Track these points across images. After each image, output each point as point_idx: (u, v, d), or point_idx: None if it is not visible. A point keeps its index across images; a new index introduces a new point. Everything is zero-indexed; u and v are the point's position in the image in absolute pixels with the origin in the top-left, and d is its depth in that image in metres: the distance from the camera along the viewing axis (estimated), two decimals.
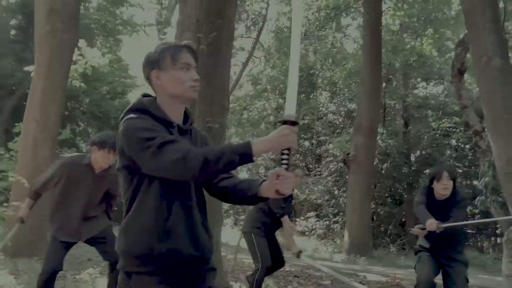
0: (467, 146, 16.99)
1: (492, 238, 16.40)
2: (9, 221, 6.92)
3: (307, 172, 20.72)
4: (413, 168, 16.29)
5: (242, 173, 21.53)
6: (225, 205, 15.26)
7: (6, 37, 16.24)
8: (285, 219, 4.19)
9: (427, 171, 17.62)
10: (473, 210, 13.94)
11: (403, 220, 16.19)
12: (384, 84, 16.29)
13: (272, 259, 4.21)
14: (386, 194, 16.79)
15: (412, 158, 17.00)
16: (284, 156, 1.46)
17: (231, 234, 14.30)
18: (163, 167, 1.48)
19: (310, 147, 21.02)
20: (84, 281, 4.96)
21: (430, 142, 16.46)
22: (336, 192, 16.78)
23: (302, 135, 21.96)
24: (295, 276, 6.53)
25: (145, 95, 1.76)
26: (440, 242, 3.45)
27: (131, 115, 1.63)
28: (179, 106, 1.71)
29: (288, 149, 1.45)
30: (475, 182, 15.30)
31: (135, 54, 28.63)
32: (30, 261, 6.25)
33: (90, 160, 3.39)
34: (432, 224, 3.26)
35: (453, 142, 17.67)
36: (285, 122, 1.41)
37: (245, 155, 1.40)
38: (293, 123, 1.42)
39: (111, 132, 3.60)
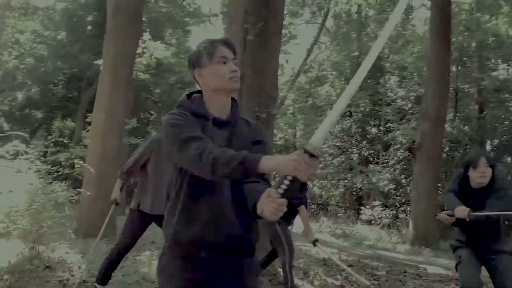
0: None
1: None
2: (80, 204, 7.56)
3: (376, 159, 20.21)
4: None
5: None
6: None
7: (83, 32, 17.43)
8: (302, 208, 4.27)
9: (508, 159, 16.51)
10: None
11: None
12: (456, 68, 15.36)
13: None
14: None
15: (488, 146, 15.94)
16: (286, 182, 1.39)
17: None
18: (184, 161, 1.60)
19: (377, 134, 20.44)
20: (142, 262, 5.29)
21: (510, 128, 15.33)
22: (403, 181, 16.20)
23: (370, 122, 21.40)
24: (350, 265, 6.47)
25: (194, 92, 1.86)
26: (476, 234, 3.19)
27: (173, 111, 1.76)
28: (224, 98, 1.78)
29: (293, 177, 1.39)
30: None
31: None
32: (99, 242, 6.74)
33: None
34: (462, 211, 3.01)
35: None
36: (304, 151, 1.35)
37: (250, 168, 1.43)
38: (311, 155, 1.34)
39: None
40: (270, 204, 1.44)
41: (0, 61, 18.40)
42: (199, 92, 1.84)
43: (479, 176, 3.14)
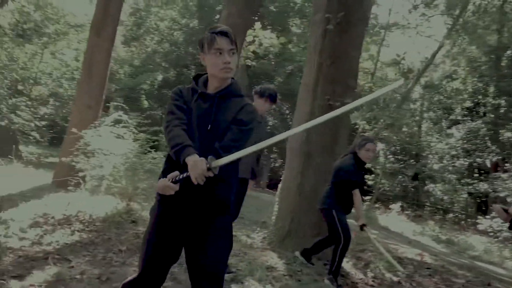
0: None
1: None
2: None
3: (506, 166, 18.13)
4: None
5: None
6: None
7: (212, 21, 18.74)
8: (356, 192, 4.27)
9: None
10: None
11: None
12: None
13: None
14: None
15: None
16: (184, 174, 1.77)
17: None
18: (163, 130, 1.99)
19: (510, 138, 18.34)
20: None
21: None
22: None
23: (505, 124, 19.22)
24: (427, 268, 6.18)
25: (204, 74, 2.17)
26: None
27: (178, 86, 2.12)
28: (218, 82, 2.03)
29: (188, 176, 1.74)
30: None
31: None
32: None
33: None
34: None
35: None
36: (207, 162, 1.73)
37: (180, 158, 1.81)
38: (208, 169, 1.71)
39: (272, 85, 4.23)
40: (163, 181, 1.79)
41: (143, 45, 20.76)
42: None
43: None
